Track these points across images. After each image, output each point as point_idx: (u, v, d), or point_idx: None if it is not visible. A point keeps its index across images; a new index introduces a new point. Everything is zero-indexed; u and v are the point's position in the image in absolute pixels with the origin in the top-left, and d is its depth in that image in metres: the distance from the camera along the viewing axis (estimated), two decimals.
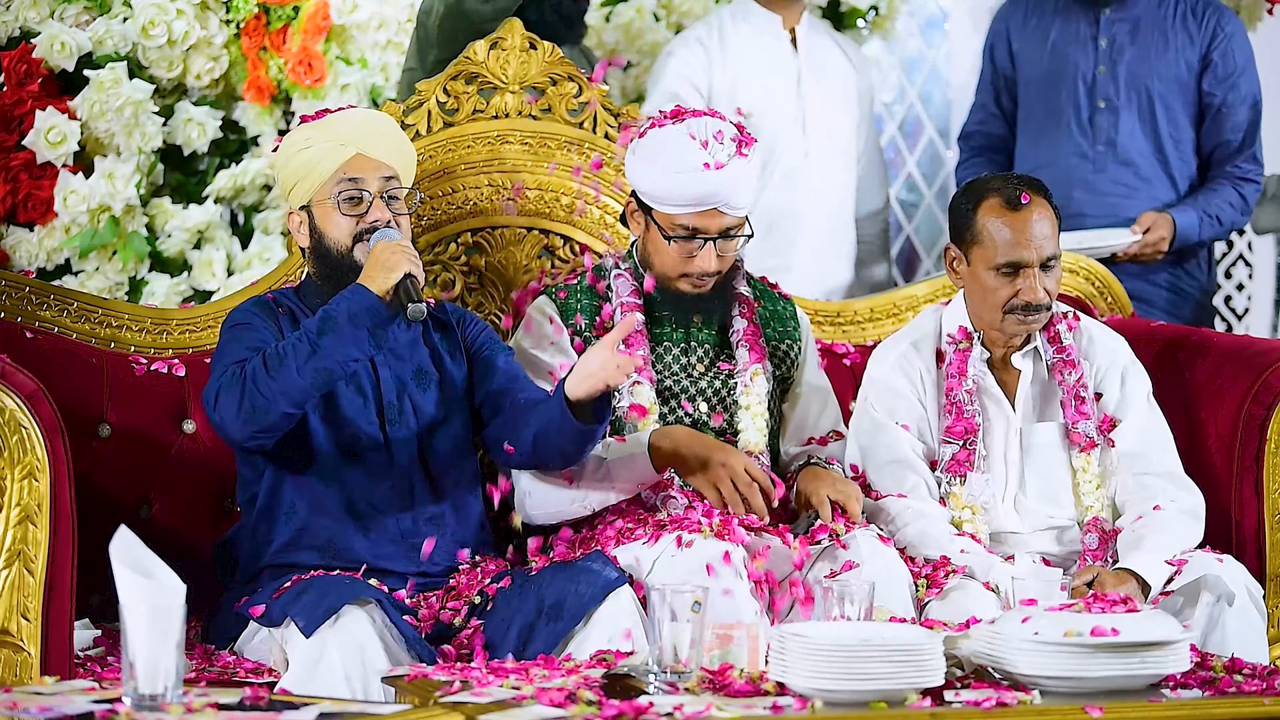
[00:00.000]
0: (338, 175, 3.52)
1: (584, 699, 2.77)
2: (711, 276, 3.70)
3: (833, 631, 2.94)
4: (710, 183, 3.61)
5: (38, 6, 4.54)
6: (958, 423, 3.71)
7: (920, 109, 6.21)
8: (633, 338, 3.69)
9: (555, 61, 4.09)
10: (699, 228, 3.65)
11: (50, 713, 2.59)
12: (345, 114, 3.64)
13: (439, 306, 3.70)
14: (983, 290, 3.70)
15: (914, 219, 6.25)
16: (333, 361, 3.34)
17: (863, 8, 5.42)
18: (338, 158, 3.52)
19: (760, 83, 4.76)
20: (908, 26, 6.10)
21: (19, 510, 3.18)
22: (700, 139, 3.63)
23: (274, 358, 3.34)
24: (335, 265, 3.53)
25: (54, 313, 3.81)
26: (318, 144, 3.54)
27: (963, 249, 3.73)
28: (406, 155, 3.63)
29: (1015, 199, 3.65)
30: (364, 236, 3.50)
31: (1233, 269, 6.10)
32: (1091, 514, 3.73)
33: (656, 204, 3.68)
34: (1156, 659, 2.94)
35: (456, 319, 3.70)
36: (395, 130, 3.65)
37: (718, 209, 3.64)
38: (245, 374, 3.34)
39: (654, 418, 3.68)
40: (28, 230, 4.53)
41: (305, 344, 3.33)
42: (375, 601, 3.24)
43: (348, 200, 3.51)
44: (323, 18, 4.66)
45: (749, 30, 4.77)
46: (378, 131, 3.59)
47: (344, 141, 3.53)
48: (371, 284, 3.37)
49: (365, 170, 3.53)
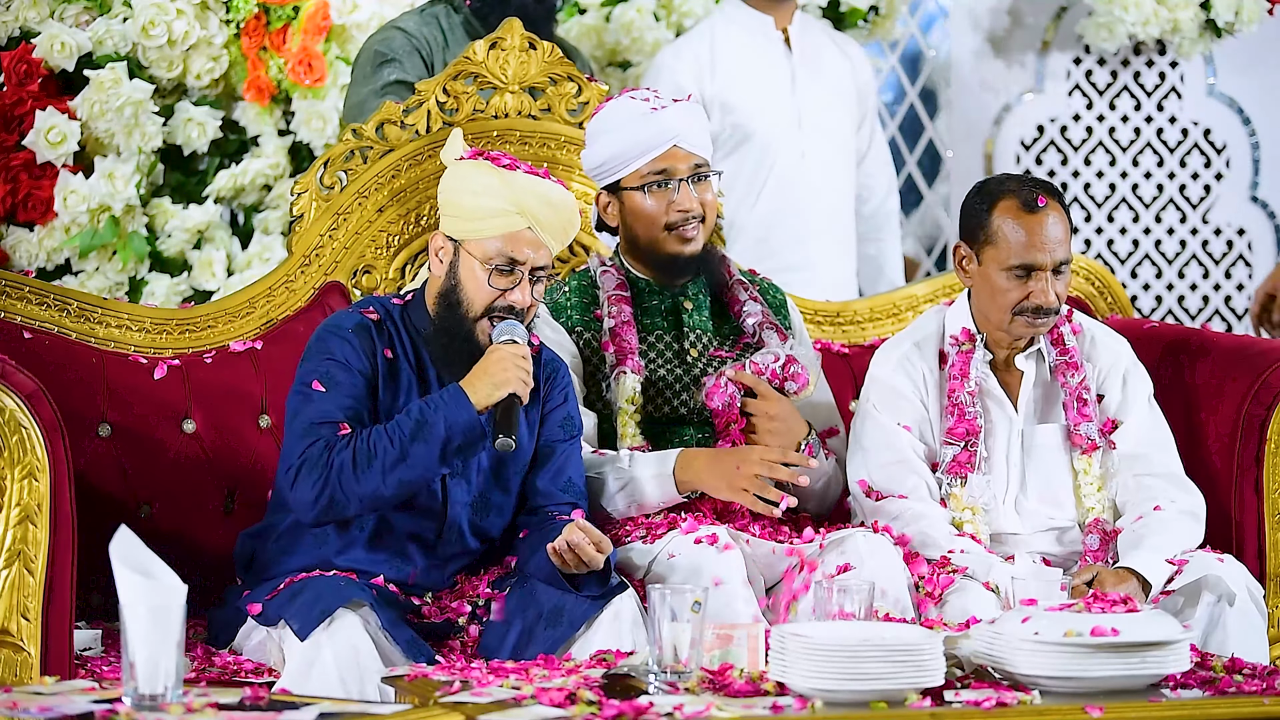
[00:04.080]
0: (502, 243, 3.40)
1: (584, 699, 2.77)
2: (697, 224, 3.74)
3: (833, 631, 2.94)
4: (659, 121, 3.71)
5: (38, 6, 4.54)
6: (959, 424, 3.71)
7: (920, 109, 6.21)
8: (622, 329, 3.71)
9: (555, 61, 4.09)
10: (667, 170, 3.72)
11: (50, 713, 2.59)
12: (533, 182, 3.44)
13: (534, 358, 3.47)
14: (992, 290, 3.70)
15: (914, 219, 6.25)
16: (418, 474, 3.31)
17: (863, 8, 5.42)
18: (508, 225, 3.40)
19: (755, 85, 4.76)
20: (908, 26, 6.10)
21: (19, 510, 3.18)
22: (639, 98, 3.75)
23: (363, 454, 3.28)
24: (458, 319, 3.42)
25: (54, 313, 3.81)
26: (494, 199, 3.41)
27: (974, 248, 3.73)
28: (569, 237, 3.51)
29: (1032, 201, 3.66)
30: (497, 313, 3.41)
31: (1232, 269, 6.10)
32: (1093, 515, 3.73)
33: (621, 170, 3.74)
34: (1156, 659, 2.94)
35: (548, 376, 3.57)
36: (572, 212, 3.49)
37: (677, 146, 3.72)
38: (332, 465, 3.29)
39: (636, 408, 3.70)
40: (28, 230, 4.53)
41: (396, 448, 3.28)
42: (368, 604, 3.23)
43: (499, 273, 3.41)
44: (323, 18, 4.66)
45: (740, 33, 4.77)
46: (557, 212, 3.44)
47: (522, 211, 3.41)
48: (474, 395, 3.31)
49: (527, 247, 3.40)
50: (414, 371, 3.48)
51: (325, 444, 3.31)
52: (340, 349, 3.41)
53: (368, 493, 3.30)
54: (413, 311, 3.52)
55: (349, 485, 3.29)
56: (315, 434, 3.33)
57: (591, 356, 3.76)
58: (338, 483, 3.29)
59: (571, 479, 3.54)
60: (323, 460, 3.29)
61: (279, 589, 3.31)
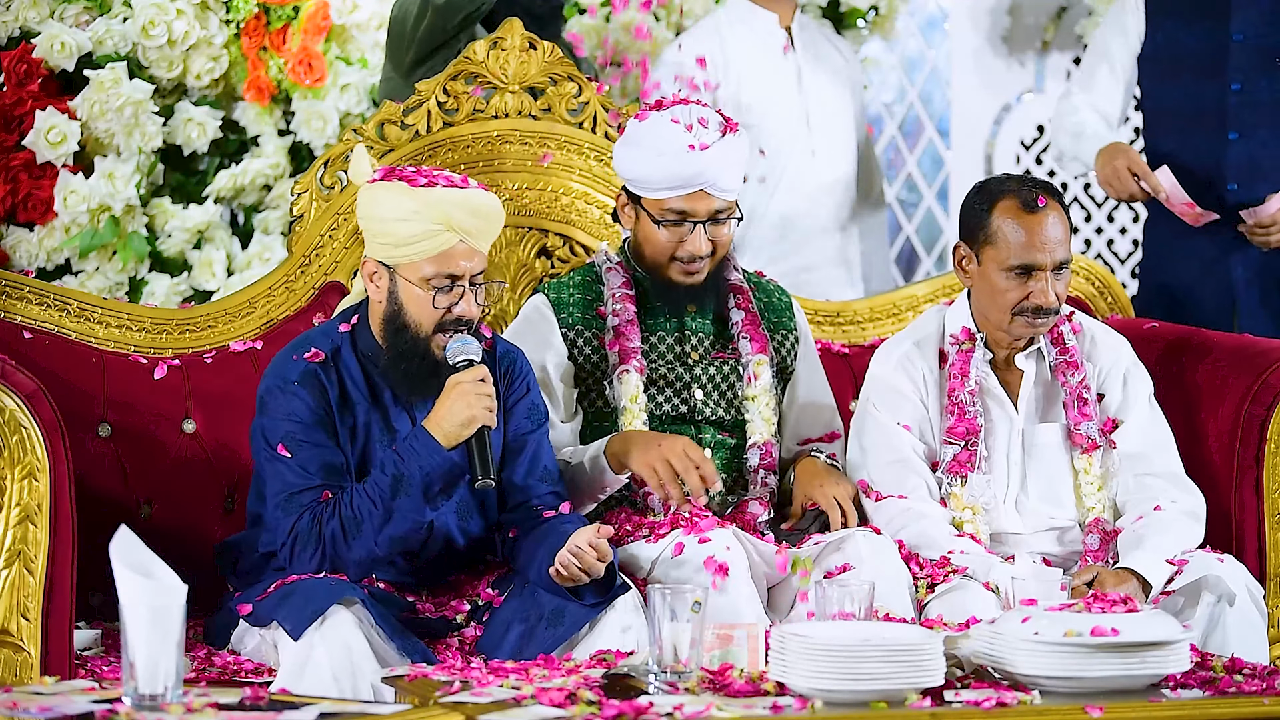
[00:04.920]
0: (438, 262, 3.36)
1: (584, 699, 2.77)
2: (703, 261, 3.72)
3: (833, 631, 2.94)
4: (696, 163, 3.63)
5: (38, 6, 4.53)
6: (959, 424, 3.71)
7: (920, 109, 6.21)
8: (626, 328, 3.71)
9: (555, 61, 4.09)
10: (688, 211, 3.68)
11: (50, 713, 2.59)
12: (453, 194, 3.38)
13: (489, 353, 3.51)
14: (992, 290, 3.70)
15: (914, 219, 6.25)
16: (408, 527, 3.32)
17: (863, 8, 5.42)
18: (440, 244, 3.35)
19: (764, 84, 4.76)
20: (908, 26, 6.10)
21: (19, 510, 3.18)
22: (685, 123, 3.66)
23: (350, 522, 3.29)
24: (409, 341, 3.39)
25: (54, 313, 3.81)
26: (419, 222, 3.35)
27: (974, 248, 3.72)
28: (497, 232, 3.46)
29: (1032, 201, 3.65)
30: (447, 327, 3.38)
31: None
32: (1093, 515, 3.73)
33: (645, 190, 3.70)
34: (1156, 659, 2.94)
35: (505, 369, 3.55)
36: (498, 213, 3.45)
37: (705, 190, 3.66)
38: (324, 538, 3.30)
39: (640, 407, 3.69)
40: (28, 230, 4.53)
41: (380, 509, 3.29)
42: (360, 601, 3.24)
43: (440, 291, 3.36)
44: (323, 18, 4.66)
45: (747, 31, 4.77)
46: (485, 218, 3.40)
47: (450, 227, 3.35)
48: (444, 437, 3.30)
49: (462, 260, 3.37)
50: (369, 400, 3.45)
51: (312, 516, 3.32)
52: (293, 407, 3.38)
53: (363, 557, 3.32)
54: (359, 337, 3.47)
55: (344, 552, 3.31)
56: (298, 506, 3.33)
57: (592, 355, 3.76)
58: (334, 553, 3.31)
59: (547, 467, 3.54)
60: (314, 534, 3.31)
61: (269, 591, 3.31)
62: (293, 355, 3.44)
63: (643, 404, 3.70)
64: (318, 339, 3.47)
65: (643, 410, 3.70)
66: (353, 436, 3.42)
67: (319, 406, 3.38)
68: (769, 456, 3.75)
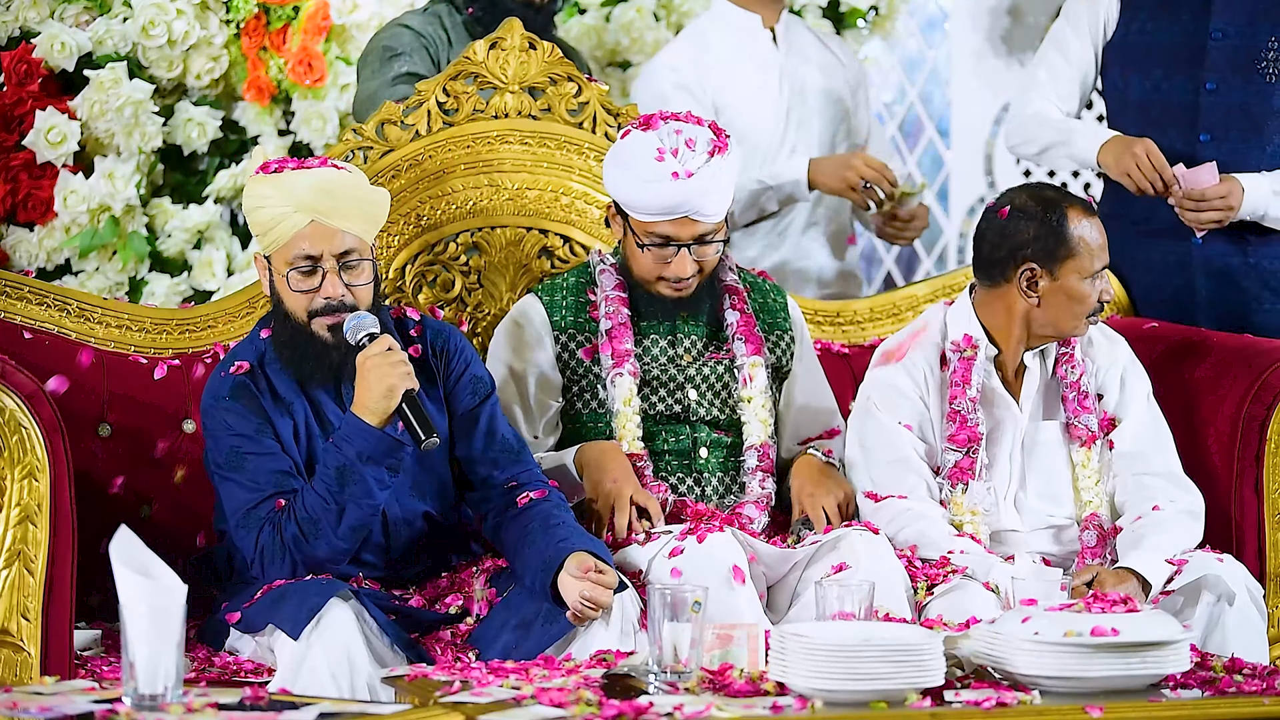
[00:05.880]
0: (292, 245, 3.36)
1: (584, 699, 2.77)
2: (689, 281, 3.71)
3: (833, 631, 2.94)
4: (680, 192, 3.62)
5: (38, 6, 4.53)
6: (961, 431, 3.70)
7: (920, 109, 6.21)
8: (619, 330, 3.71)
9: (555, 61, 4.09)
10: (672, 235, 3.67)
11: (50, 713, 2.59)
12: (302, 176, 3.39)
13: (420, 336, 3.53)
14: (1070, 300, 3.67)
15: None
16: (364, 513, 3.32)
17: (863, 8, 5.42)
18: (292, 225, 3.36)
19: (745, 84, 4.75)
20: (908, 26, 6.10)
21: (19, 510, 3.18)
22: (670, 148, 3.64)
23: (307, 523, 3.30)
24: (294, 332, 3.40)
25: (54, 313, 3.81)
26: (273, 206, 3.37)
27: (1049, 264, 3.66)
28: (371, 215, 3.44)
29: (1089, 205, 3.68)
30: (320, 313, 3.37)
31: None
32: (1090, 509, 3.73)
33: (631, 211, 3.70)
34: (1156, 659, 2.95)
35: (440, 348, 3.56)
36: (357, 190, 3.42)
37: (689, 217, 3.65)
38: (288, 545, 3.31)
39: (634, 410, 3.70)
40: (28, 230, 4.53)
41: (332, 503, 3.30)
42: (354, 595, 3.25)
43: (300, 274, 3.37)
44: (323, 18, 4.65)
45: (728, 32, 4.76)
46: (338, 196, 3.38)
47: (299, 208, 3.35)
48: (371, 416, 3.30)
49: (320, 241, 3.36)
50: (299, 395, 3.45)
51: (273, 526, 3.33)
52: (232, 422, 3.39)
53: (327, 554, 3.33)
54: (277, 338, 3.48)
55: (310, 552, 3.32)
56: (256, 520, 3.34)
57: (584, 357, 3.76)
58: (301, 555, 3.32)
59: (503, 435, 3.53)
60: (276, 542, 3.32)
61: (256, 597, 3.32)
62: (221, 372, 3.46)
63: (636, 406, 3.71)
64: (243, 350, 3.50)
65: (637, 413, 3.70)
66: (296, 437, 3.43)
67: (256, 415, 3.40)
68: (766, 459, 3.75)
